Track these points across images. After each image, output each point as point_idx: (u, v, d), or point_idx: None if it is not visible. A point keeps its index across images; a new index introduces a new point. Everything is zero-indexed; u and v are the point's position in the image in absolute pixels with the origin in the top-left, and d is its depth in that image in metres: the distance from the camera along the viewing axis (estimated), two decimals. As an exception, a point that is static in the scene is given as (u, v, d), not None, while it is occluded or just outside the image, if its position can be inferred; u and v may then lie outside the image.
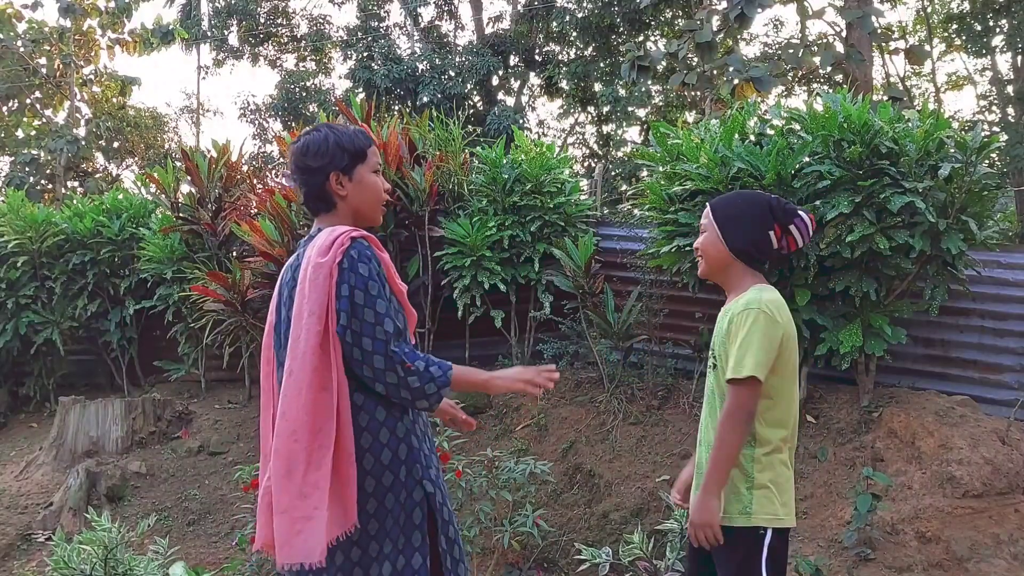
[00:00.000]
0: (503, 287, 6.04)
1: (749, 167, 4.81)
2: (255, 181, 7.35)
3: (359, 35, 18.69)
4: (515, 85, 19.37)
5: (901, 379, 5.34)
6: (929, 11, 17.89)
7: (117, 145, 18.50)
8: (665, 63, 10.03)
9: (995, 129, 16.27)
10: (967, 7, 16.81)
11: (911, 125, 4.77)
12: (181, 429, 6.57)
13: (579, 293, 5.98)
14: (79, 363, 7.90)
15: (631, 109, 17.42)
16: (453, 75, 16.74)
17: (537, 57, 18.60)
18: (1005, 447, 4.47)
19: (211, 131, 27.03)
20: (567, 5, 17.35)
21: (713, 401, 2.42)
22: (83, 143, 16.31)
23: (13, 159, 16.48)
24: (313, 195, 2.20)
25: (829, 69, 9.28)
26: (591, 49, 17.74)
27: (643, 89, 16.18)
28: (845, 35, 9.37)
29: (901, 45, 12.04)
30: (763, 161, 4.77)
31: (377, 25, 19.08)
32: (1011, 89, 17.08)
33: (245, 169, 7.59)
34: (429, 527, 2.09)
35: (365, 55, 17.82)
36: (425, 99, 16.05)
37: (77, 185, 17.27)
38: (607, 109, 17.47)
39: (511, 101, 18.83)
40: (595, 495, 5.07)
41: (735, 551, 2.30)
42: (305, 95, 18.38)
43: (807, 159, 4.82)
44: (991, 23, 16.19)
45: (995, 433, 4.55)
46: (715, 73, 9.49)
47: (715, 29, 8.90)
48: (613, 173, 15.94)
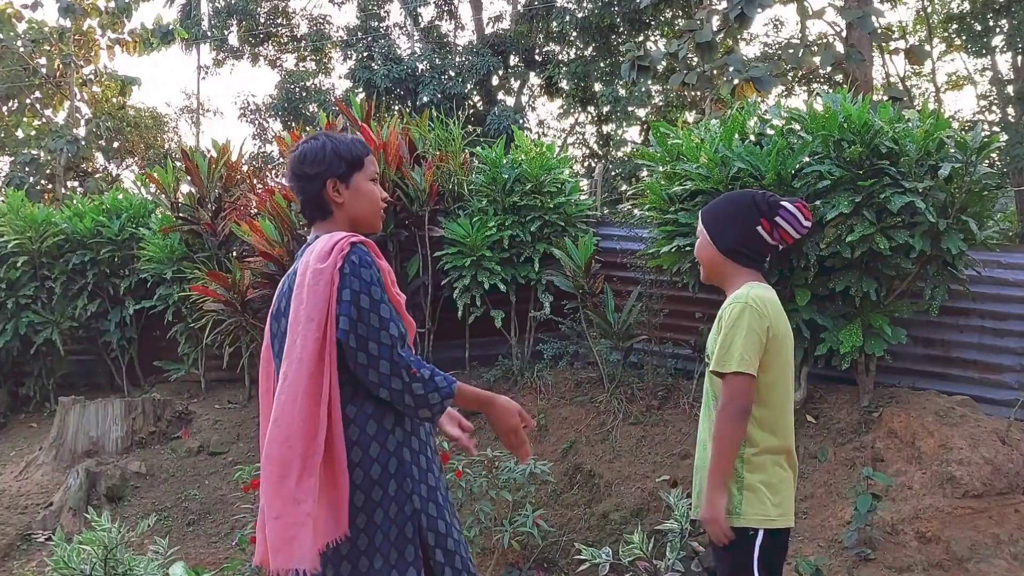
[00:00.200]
0: (503, 287, 6.04)
1: (749, 167, 4.81)
2: (255, 181, 7.36)
3: (359, 35, 18.69)
4: (515, 85, 19.36)
5: (901, 379, 5.34)
6: (929, 11, 17.89)
7: (117, 145, 18.49)
8: (665, 63, 10.02)
9: (995, 129, 16.26)
10: (967, 7, 16.81)
11: (911, 125, 4.77)
12: (181, 429, 6.57)
13: (579, 293, 5.98)
14: (79, 363, 7.90)
15: (631, 109, 17.41)
16: (453, 75, 16.73)
17: (537, 57, 18.59)
18: (1005, 447, 4.47)
19: (211, 131, 27.07)
20: (567, 5, 17.34)
21: (707, 401, 2.42)
22: (83, 143, 16.31)
23: (13, 159, 16.47)
24: (310, 203, 2.19)
25: (829, 69, 9.28)
26: (591, 49, 17.73)
27: (643, 89, 16.17)
28: (845, 35, 9.36)
29: (901, 45, 12.03)
30: (763, 161, 4.77)
31: (377, 25, 19.08)
32: (1011, 89, 17.08)
33: (245, 169, 7.59)
34: (422, 542, 2.06)
35: (365, 55, 17.82)
36: (425, 99, 16.05)
37: (77, 185, 17.26)
38: (607, 109, 17.46)
39: (511, 101, 18.83)
40: (595, 495, 5.07)
41: (727, 551, 2.30)
42: (305, 95, 18.38)
43: (807, 159, 4.82)
44: (991, 23, 16.18)
45: (995, 433, 4.55)
46: (715, 73, 9.49)
47: (715, 29, 8.90)
48: (613, 173, 15.94)
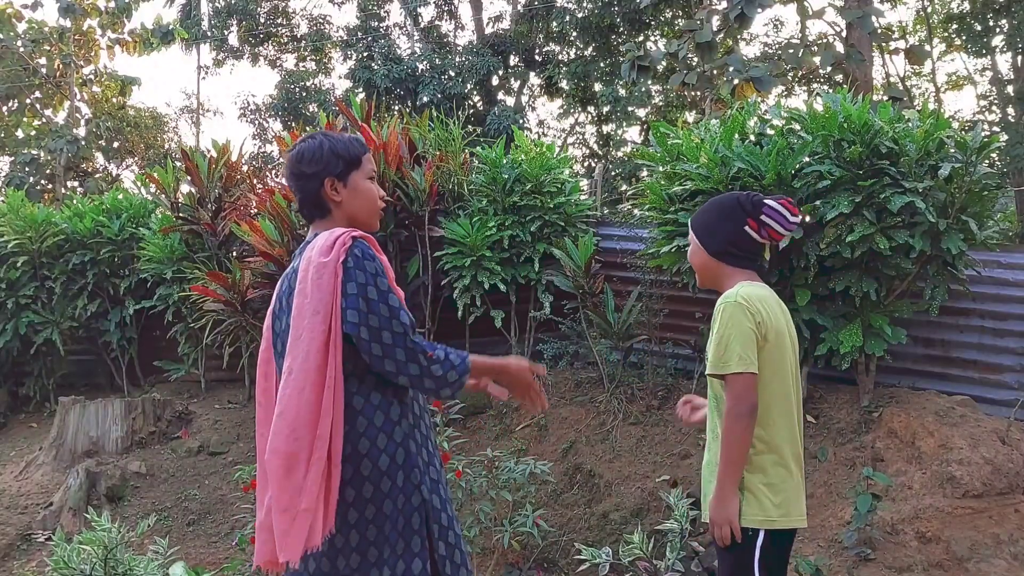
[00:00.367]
0: (503, 287, 6.04)
1: (749, 167, 4.80)
2: (255, 181, 7.36)
3: (359, 35, 18.69)
4: (515, 85, 19.36)
5: (901, 379, 5.34)
6: (929, 11, 17.88)
7: (117, 145, 18.49)
8: (665, 63, 10.02)
9: (995, 129, 16.26)
10: (967, 7, 16.81)
11: (911, 125, 4.77)
12: (181, 429, 6.57)
13: (579, 293, 5.98)
14: (79, 363, 7.90)
15: (631, 109, 17.41)
16: (453, 75, 16.73)
17: (537, 57, 18.59)
18: (1005, 447, 4.47)
19: (211, 131, 27.08)
20: (567, 5, 17.34)
21: (711, 401, 2.43)
22: (83, 143, 16.31)
23: (13, 159, 16.48)
24: (308, 201, 2.20)
25: (829, 69, 9.28)
26: (591, 49, 17.73)
27: (643, 89, 16.17)
28: (845, 35, 9.36)
29: (901, 45, 12.03)
30: (763, 161, 4.77)
31: (377, 25, 19.08)
32: (1011, 89, 17.08)
33: (245, 169, 7.60)
34: (427, 533, 2.08)
35: (365, 55, 17.82)
36: (425, 99, 16.05)
37: (77, 185, 17.26)
38: (607, 109, 17.46)
39: (511, 101, 18.83)
40: (595, 495, 5.07)
41: (728, 551, 2.30)
42: (305, 95, 18.38)
43: (807, 159, 4.82)
44: (991, 23, 16.18)
45: (995, 433, 4.55)
46: (715, 73, 9.49)
47: (715, 29, 8.90)
48: (613, 173, 15.94)
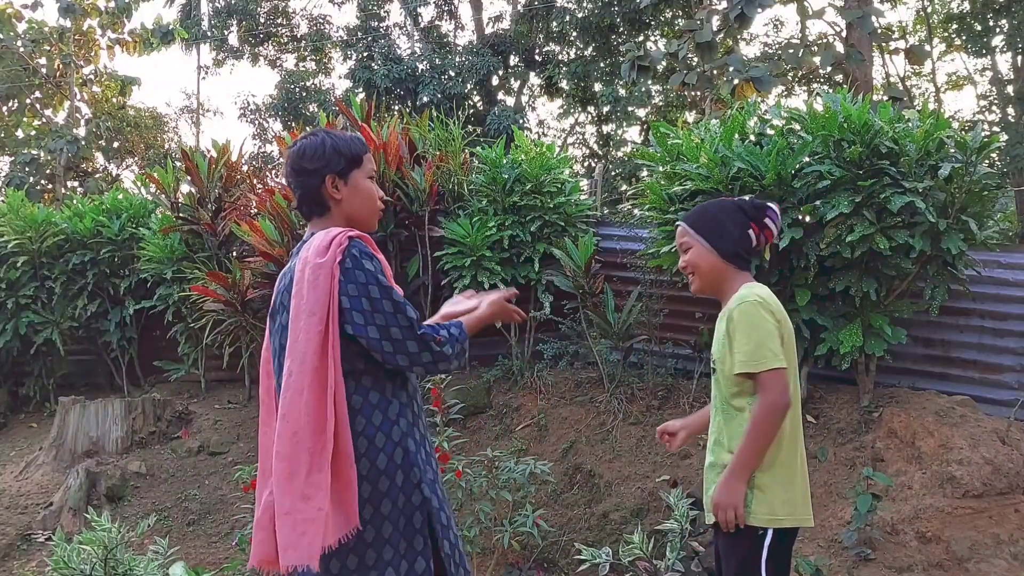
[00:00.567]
0: (503, 287, 6.03)
1: (749, 167, 4.80)
2: (255, 181, 7.36)
3: (359, 35, 18.69)
4: (515, 85, 19.36)
5: (901, 379, 5.34)
6: (929, 11, 17.89)
7: (117, 145, 18.49)
8: (665, 63, 10.03)
9: (995, 129, 16.26)
10: (967, 7, 16.81)
11: (911, 125, 4.77)
12: (181, 429, 6.57)
13: (579, 293, 5.98)
14: (79, 363, 7.90)
15: (631, 109, 17.42)
16: (453, 75, 16.73)
17: (537, 57, 18.59)
18: (1005, 447, 4.47)
19: (211, 131, 27.09)
20: (567, 5, 17.35)
21: (725, 408, 2.38)
22: (83, 143, 16.31)
23: (13, 159, 16.48)
24: (308, 198, 2.19)
25: (829, 69, 9.28)
26: (591, 49, 17.73)
27: (643, 89, 16.18)
28: (845, 35, 9.36)
29: (901, 45, 12.03)
30: (763, 161, 4.77)
31: (377, 25, 19.07)
32: (1011, 89, 17.08)
33: (245, 169, 7.59)
34: (430, 532, 2.07)
35: (365, 55, 17.82)
36: (425, 99, 16.05)
37: (77, 185, 17.26)
38: (607, 109, 17.47)
39: (511, 101, 18.83)
40: (595, 495, 5.07)
41: (737, 549, 2.30)
42: (305, 95, 18.38)
43: (807, 159, 4.82)
44: (991, 23, 16.18)
45: (995, 433, 4.55)
46: (715, 73, 9.49)
47: (715, 29, 8.90)
48: (613, 173, 15.94)
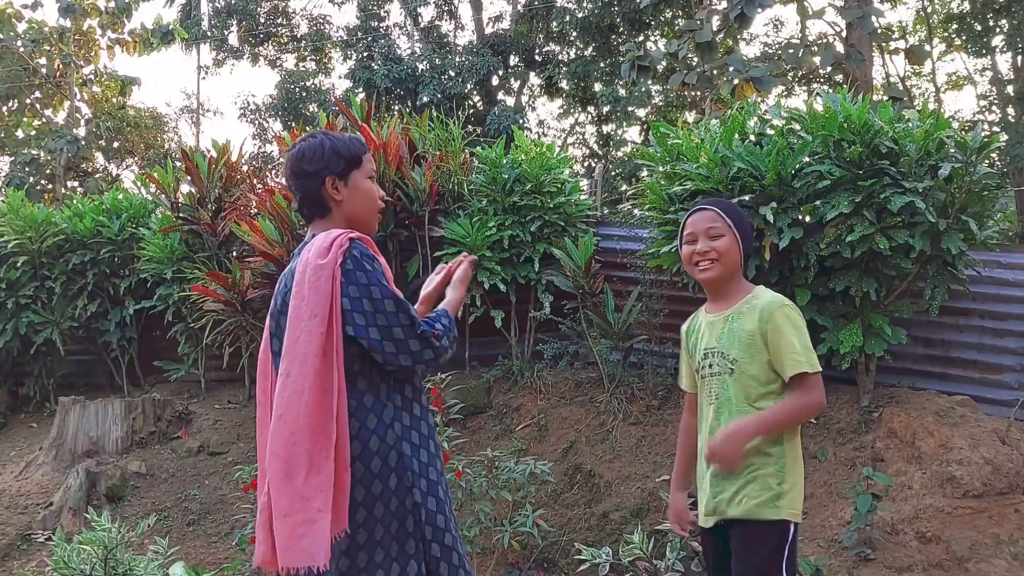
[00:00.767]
0: (503, 287, 6.04)
1: (749, 167, 4.80)
2: (255, 181, 7.36)
3: (359, 35, 18.69)
4: (515, 85, 19.36)
5: (901, 379, 5.34)
6: (929, 11, 17.89)
7: (117, 145, 18.50)
8: (665, 63, 10.03)
9: (995, 129, 16.26)
10: (967, 7, 16.81)
11: (911, 125, 4.77)
12: (181, 429, 6.57)
13: (579, 293, 5.98)
14: (79, 363, 7.90)
15: (631, 109, 17.42)
16: (453, 75, 16.73)
17: (537, 57, 18.59)
18: (1005, 447, 4.47)
19: (211, 131, 27.11)
20: (567, 5, 17.35)
21: (744, 408, 2.35)
22: (83, 143, 16.31)
23: (13, 159, 16.48)
24: (308, 200, 2.19)
25: (829, 69, 9.28)
26: (591, 49, 17.73)
27: (643, 89, 16.18)
28: (845, 35, 9.36)
29: (901, 45, 12.03)
30: (763, 161, 4.77)
31: (377, 25, 19.07)
32: (1011, 89, 17.08)
33: (245, 169, 7.59)
34: (421, 535, 2.07)
35: (365, 55, 17.81)
36: (425, 99, 16.05)
37: (77, 185, 17.26)
38: (607, 109, 17.47)
39: (511, 101, 18.83)
40: (595, 495, 5.07)
41: (762, 544, 2.30)
42: (305, 95, 18.38)
43: (807, 159, 4.82)
44: (991, 23, 16.18)
45: (995, 433, 4.55)
46: (715, 73, 9.49)
47: (715, 29, 8.90)
48: (613, 173, 15.94)
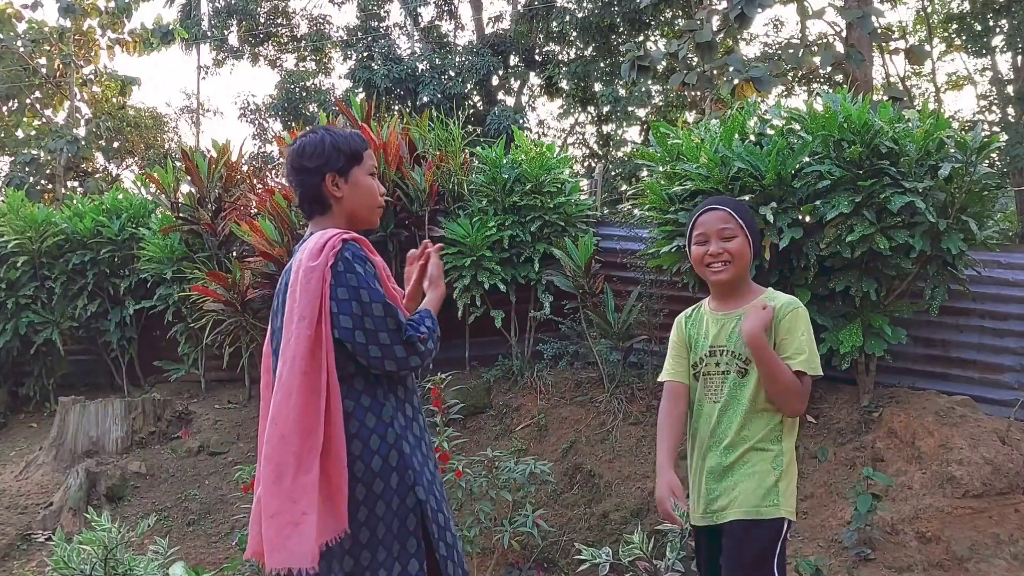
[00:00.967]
0: (503, 287, 6.03)
1: (749, 167, 4.80)
2: (255, 181, 7.35)
3: (359, 35, 18.69)
4: (515, 85, 19.36)
5: (901, 379, 5.34)
6: (929, 11, 17.89)
7: (117, 145, 18.50)
8: (665, 63, 10.02)
9: (995, 129, 16.27)
10: (967, 7, 16.81)
11: (911, 125, 4.77)
12: (181, 429, 6.57)
13: (579, 293, 5.98)
14: (79, 363, 7.90)
15: (631, 109, 17.42)
16: (453, 75, 16.73)
17: (537, 57, 18.59)
18: (1005, 447, 4.47)
19: (211, 131, 27.11)
20: (567, 5, 17.35)
21: (752, 407, 2.34)
22: (83, 143, 16.31)
23: (13, 159, 16.48)
24: (309, 197, 2.18)
25: (829, 69, 9.28)
26: (591, 49, 17.74)
27: (643, 89, 16.18)
28: (845, 35, 9.36)
29: (901, 45, 12.03)
30: (763, 161, 4.77)
31: (377, 25, 19.07)
32: (1011, 89, 17.08)
33: (245, 169, 7.59)
34: (424, 534, 2.07)
35: (365, 55, 17.82)
36: (425, 99, 16.05)
37: (77, 185, 17.26)
38: (607, 109, 17.47)
39: (511, 101, 18.83)
40: (595, 495, 5.07)
41: (756, 541, 2.31)
42: (305, 95, 18.38)
43: (807, 159, 4.82)
44: (991, 23, 16.18)
45: (995, 433, 4.55)
46: (715, 73, 9.49)
47: (715, 29, 8.90)
48: (613, 173, 15.95)
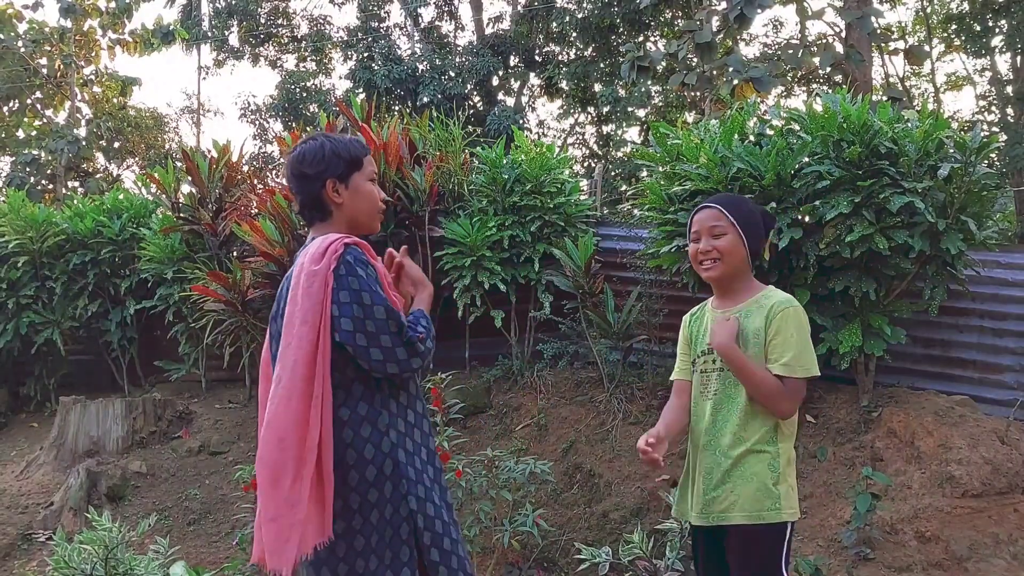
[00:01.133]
0: (503, 287, 6.04)
1: (749, 167, 4.81)
2: (255, 181, 7.37)
3: (359, 35, 18.69)
4: (515, 85, 19.36)
5: (901, 379, 5.35)
6: (929, 11, 17.89)
7: (118, 145, 18.51)
8: (665, 63, 10.03)
9: (994, 129, 16.27)
10: (967, 7, 16.80)
11: (910, 125, 4.77)
12: (181, 429, 6.58)
13: (579, 293, 5.99)
14: (80, 363, 7.91)
15: (631, 109, 17.41)
16: (453, 75, 16.73)
17: (537, 57, 18.59)
18: (1004, 447, 4.48)
19: (212, 131, 27.23)
20: (567, 5, 17.35)
21: (746, 405, 2.36)
22: (84, 143, 16.33)
23: (14, 159, 16.49)
24: (309, 203, 2.19)
25: (829, 69, 9.27)
26: (591, 49, 17.73)
27: (643, 89, 16.17)
28: (845, 35, 9.37)
29: (901, 45, 12.02)
30: (763, 161, 4.78)
31: (377, 25, 19.08)
32: (1010, 89, 17.07)
33: (245, 169, 7.61)
34: (417, 542, 2.07)
35: (365, 55, 17.81)
36: (425, 99, 16.05)
37: (78, 185, 17.28)
38: (607, 109, 17.45)
39: (511, 101, 18.82)
40: (595, 495, 5.07)
41: (761, 546, 2.31)
42: (305, 95, 18.38)
43: (807, 159, 4.83)
44: (991, 23, 16.17)
45: (994, 433, 4.56)
46: (715, 73, 9.49)
47: (715, 29, 8.91)
48: (613, 173, 15.95)
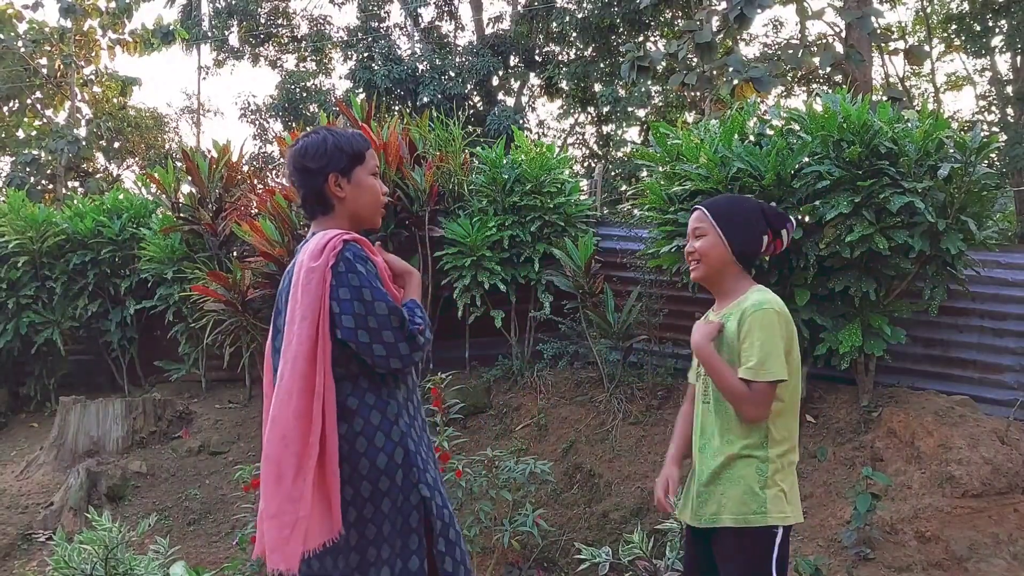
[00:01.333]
0: (503, 287, 6.04)
1: (749, 167, 4.81)
2: (256, 181, 7.37)
3: (359, 35, 18.69)
4: (515, 85, 19.36)
5: (901, 379, 5.35)
6: (929, 11, 17.89)
7: (118, 145, 18.51)
8: (665, 63, 10.03)
9: (994, 129, 16.27)
10: (967, 7, 16.80)
11: (910, 125, 4.78)
12: (181, 429, 6.58)
13: (579, 293, 5.99)
14: (79, 363, 7.91)
15: (631, 109, 17.41)
16: (453, 75, 16.73)
17: (537, 57, 18.59)
18: (1004, 447, 4.48)
19: (212, 131, 27.22)
20: (567, 5, 17.35)
21: (713, 404, 2.38)
22: (84, 143, 16.33)
23: (14, 159, 16.49)
24: (311, 197, 2.19)
25: (829, 69, 9.27)
26: (591, 49, 17.73)
27: (643, 89, 16.17)
28: (845, 35, 9.37)
29: (901, 45, 12.02)
30: (763, 161, 4.78)
31: (377, 26, 19.08)
32: (1010, 89, 17.06)
33: (246, 169, 7.61)
34: (426, 530, 2.08)
35: (365, 55, 17.81)
36: (425, 99, 16.05)
37: (78, 185, 17.28)
38: (607, 109, 17.45)
39: (511, 101, 18.82)
40: (595, 495, 5.08)
41: (748, 551, 2.30)
42: (305, 95, 18.37)
43: (807, 159, 4.83)
44: (990, 23, 16.17)
45: (994, 433, 4.56)
46: (715, 73, 9.49)
47: (715, 29, 8.91)
48: (613, 173, 15.95)
